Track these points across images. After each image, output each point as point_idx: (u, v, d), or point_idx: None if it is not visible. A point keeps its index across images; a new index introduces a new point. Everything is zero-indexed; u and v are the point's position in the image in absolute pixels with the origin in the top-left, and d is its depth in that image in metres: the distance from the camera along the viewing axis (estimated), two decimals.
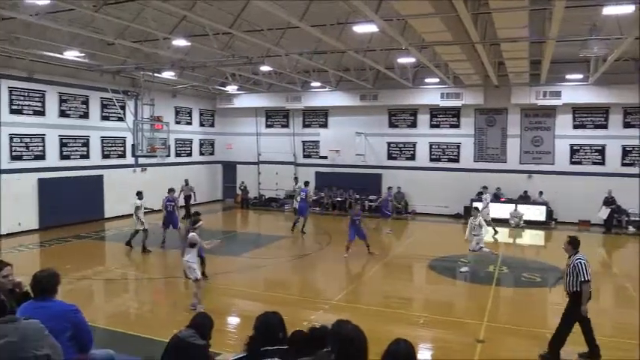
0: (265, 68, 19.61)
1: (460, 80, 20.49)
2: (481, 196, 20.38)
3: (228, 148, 28.89)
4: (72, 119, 19.97)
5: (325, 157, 25.60)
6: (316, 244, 17.47)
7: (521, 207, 21.43)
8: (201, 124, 27.78)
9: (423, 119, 24.36)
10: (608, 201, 19.98)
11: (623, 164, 20.99)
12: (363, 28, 12.71)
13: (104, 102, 21.21)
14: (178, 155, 25.94)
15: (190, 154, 27.00)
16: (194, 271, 9.98)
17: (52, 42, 14.82)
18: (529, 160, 22.55)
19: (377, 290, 12.22)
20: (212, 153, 28.85)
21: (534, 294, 11.80)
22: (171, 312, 10.21)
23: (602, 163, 21.36)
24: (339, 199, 25.21)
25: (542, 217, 21.30)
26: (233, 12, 13.02)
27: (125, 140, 22.02)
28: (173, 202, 16.26)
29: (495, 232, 18.79)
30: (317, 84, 22.76)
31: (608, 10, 10.54)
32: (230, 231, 20.89)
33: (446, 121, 23.98)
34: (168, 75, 20.47)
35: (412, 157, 24.64)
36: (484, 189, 20.63)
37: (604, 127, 21.30)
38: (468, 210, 19.52)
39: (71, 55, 16.13)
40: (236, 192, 27.68)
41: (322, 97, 25.01)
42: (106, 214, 20.93)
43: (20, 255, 14.66)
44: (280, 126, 27.59)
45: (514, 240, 19.68)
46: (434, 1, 9.77)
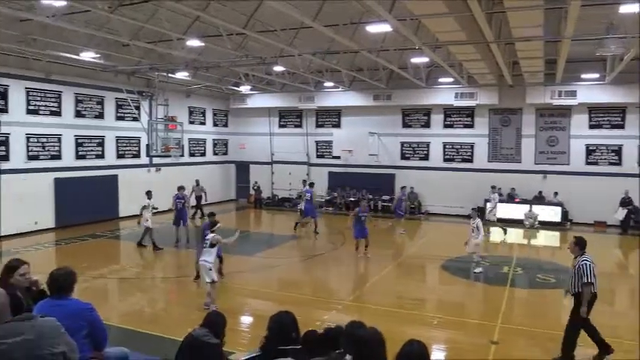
0: (278, 68, 19.62)
1: (474, 80, 20.33)
2: (490, 196, 20.24)
3: (241, 148, 28.99)
4: (87, 119, 20.19)
5: (338, 157, 25.67)
6: (329, 244, 17.47)
7: (535, 208, 21.24)
8: (214, 124, 27.93)
9: (437, 119, 24.25)
10: (624, 202, 19.74)
11: None
12: (377, 28, 12.66)
13: (119, 102, 21.41)
14: (192, 155, 26.09)
15: (204, 154, 27.15)
16: (210, 273, 9.89)
17: (69, 43, 15.06)
18: (544, 161, 22.33)
19: (390, 290, 12.18)
20: (225, 153, 28.98)
21: (549, 295, 11.67)
22: (184, 311, 10.24)
23: (618, 164, 21.07)
24: (352, 199, 25.14)
25: (557, 218, 21.09)
26: (246, 12, 13.08)
27: (140, 140, 22.19)
28: (183, 200, 16.48)
29: (505, 232, 18.70)
30: (330, 84, 22.76)
31: (625, 9, 10.43)
32: (243, 231, 20.86)
33: (460, 121, 23.85)
34: (182, 75, 20.61)
35: (426, 158, 24.54)
36: (492, 188, 20.41)
37: (621, 127, 21.01)
38: (482, 210, 19.45)
39: (87, 56, 16.31)
40: (249, 192, 27.81)
41: (335, 97, 25.00)
42: (121, 214, 21.11)
43: (37, 253, 14.84)
44: (293, 126, 27.64)
45: (529, 241, 19.51)
46: (448, 1, 9.71)
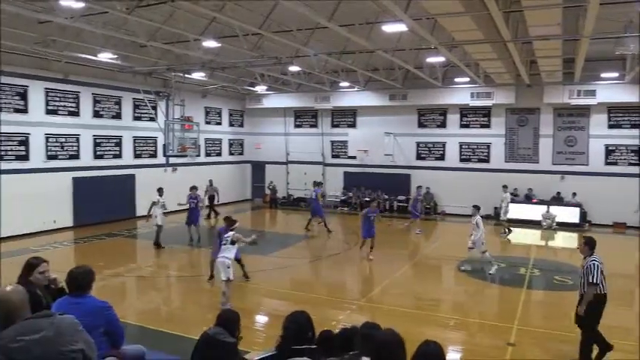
0: (294, 68, 19.67)
1: (491, 79, 20.14)
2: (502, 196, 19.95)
3: (257, 148, 29.09)
4: (105, 119, 20.42)
5: (354, 157, 25.67)
6: (344, 244, 17.45)
7: (553, 208, 21.00)
8: (230, 124, 28.07)
9: (453, 119, 24.09)
10: None
11: None
12: (392, 28, 12.60)
13: (136, 102, 21.63)
14: (208, 155, 26.26)
15: (220, 154, 27.31)
16: (228, 271, 9.84)
17: (87, 44, 15.25)
18: (562, 161, 22.05)
19: (406, 291, 12.14)
20: (241, 153, 29.11)
21: (566, 297, 11.46)
22: (200, 309, 10.32)
23: (638, 164, 20.66)
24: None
25: (575, 219, 20.82)
26: (262, 13, 13.10)
27: (156, 140, 22.41)
28: (196, 200, 16.61)
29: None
30: (346, 84, 22.73)
31: None
32: (259, 230, 20.99)
33: (476, 121, 23.67)
34: (198, 76, 20.76)
35: (442, 158, 24.40)
36: (504, 188, 20.04)
37: None
38: (497, 211, 19.27)
39: (105, 57, 16.50)
40: (265, 192, 27.90)
41: (351, 97, 24.98)
42: (138, 213, 21.25)
43: (55, 252, 15.04)
44: (309, 126, 27.66)
45: (546, 242, 19.28)
46: (464, 0, 9.65)
